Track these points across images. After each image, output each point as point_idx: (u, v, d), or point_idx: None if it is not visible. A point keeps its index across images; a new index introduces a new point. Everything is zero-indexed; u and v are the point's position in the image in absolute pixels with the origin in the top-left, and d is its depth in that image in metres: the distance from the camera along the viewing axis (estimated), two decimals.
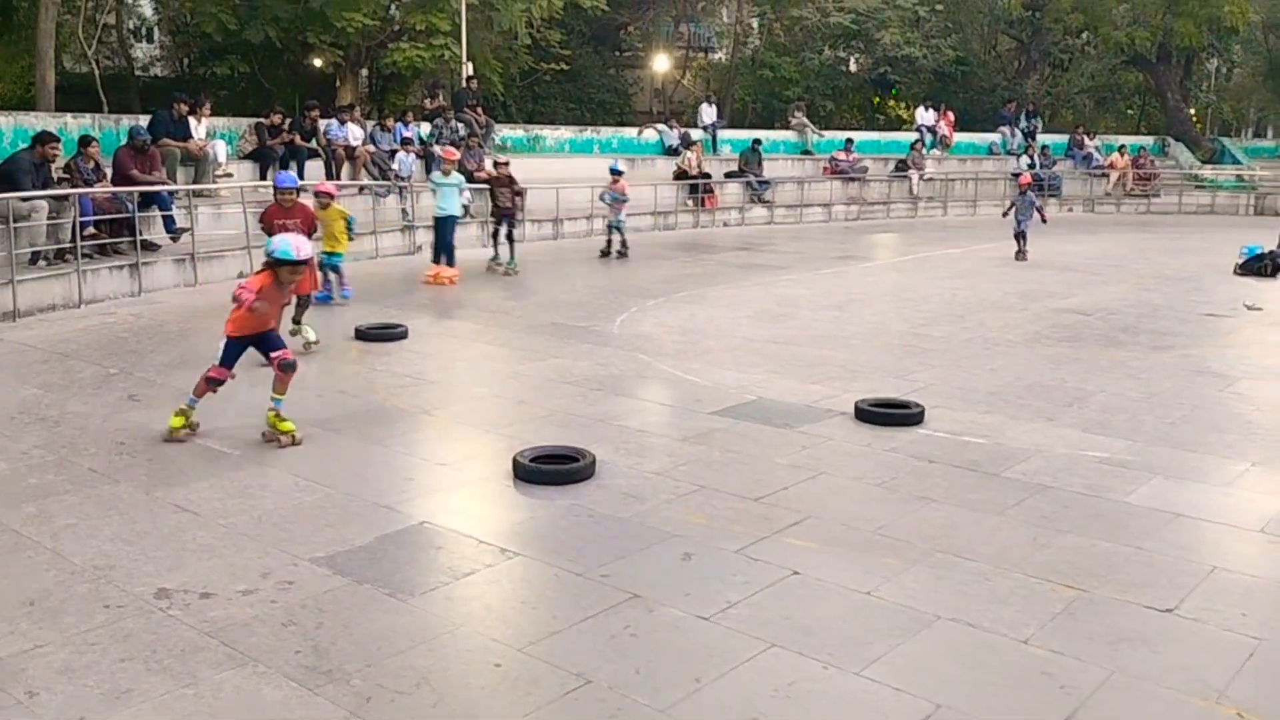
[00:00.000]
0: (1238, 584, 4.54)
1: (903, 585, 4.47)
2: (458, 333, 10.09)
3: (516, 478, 5.71)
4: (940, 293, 12.98)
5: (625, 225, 16.11)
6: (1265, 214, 24.45)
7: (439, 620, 4.10)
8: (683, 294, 12.58)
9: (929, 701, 3.53)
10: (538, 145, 21.65)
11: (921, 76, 31.74)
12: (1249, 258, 14.99)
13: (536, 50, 25.82)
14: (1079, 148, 28.03)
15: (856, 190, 24.13)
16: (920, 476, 5.93)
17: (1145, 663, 3.83)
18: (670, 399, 7.86)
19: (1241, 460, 6.28)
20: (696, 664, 3.76)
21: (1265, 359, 9.45)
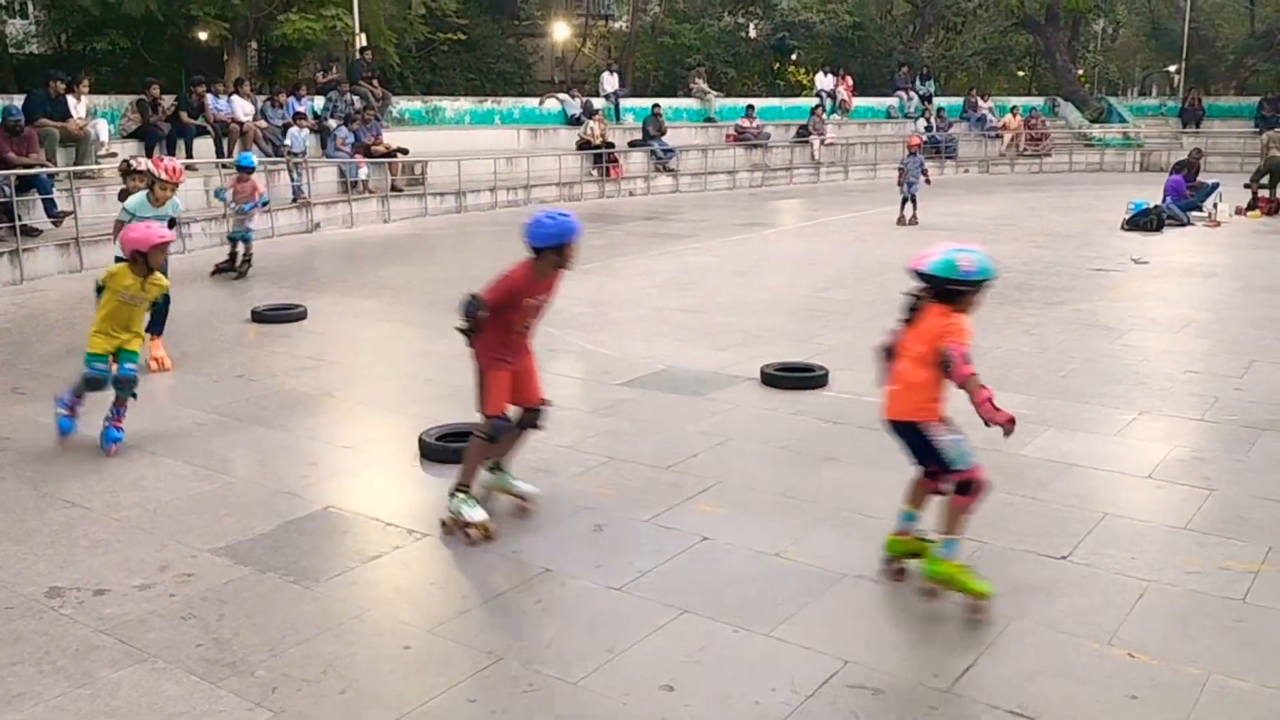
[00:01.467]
0: (1127, 529, 4.71)
1: (810, 545, 4.55)
2: (359, 312, 9.90)
3: (423, 457, 5.64)
4: (842, 257, 13.17)
5: (254, 236, 11.60)
6: (1150, 170, 25.30)
7: (346, 606, 4.03)
8: (589, 265, 12.49)
9: (837, 658, 3.60)
10: (437, 117, 21.29)
11: (820, 41, 32.02)
12: (1135, 213, 15.52)
13: (432, 20, 25.32)
14: (973, 110, 28.62)
15: (759, 157, 24.29)
16: (825, 438, 6.02)
17: (1041, 609, 3.96)
18: (579, 371, 7.83)
19: (1130, 409, 6.52)
20: (609, 635, 3.77)
21: (1152, 311, 9.80)
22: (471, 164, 18.65)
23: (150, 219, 6.99)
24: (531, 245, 4.78)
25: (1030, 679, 3.49)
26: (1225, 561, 4.35)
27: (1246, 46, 34.33)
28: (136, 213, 7.26)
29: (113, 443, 5.77)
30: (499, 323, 4.76)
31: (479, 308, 4.68)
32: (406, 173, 18.07)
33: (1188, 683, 3.46)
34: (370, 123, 17.95)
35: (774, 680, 3.48)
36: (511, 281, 4.75)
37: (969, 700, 3.37)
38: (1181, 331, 8.89)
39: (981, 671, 3.54)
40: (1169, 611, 3.96)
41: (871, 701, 3.37)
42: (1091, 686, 3.44)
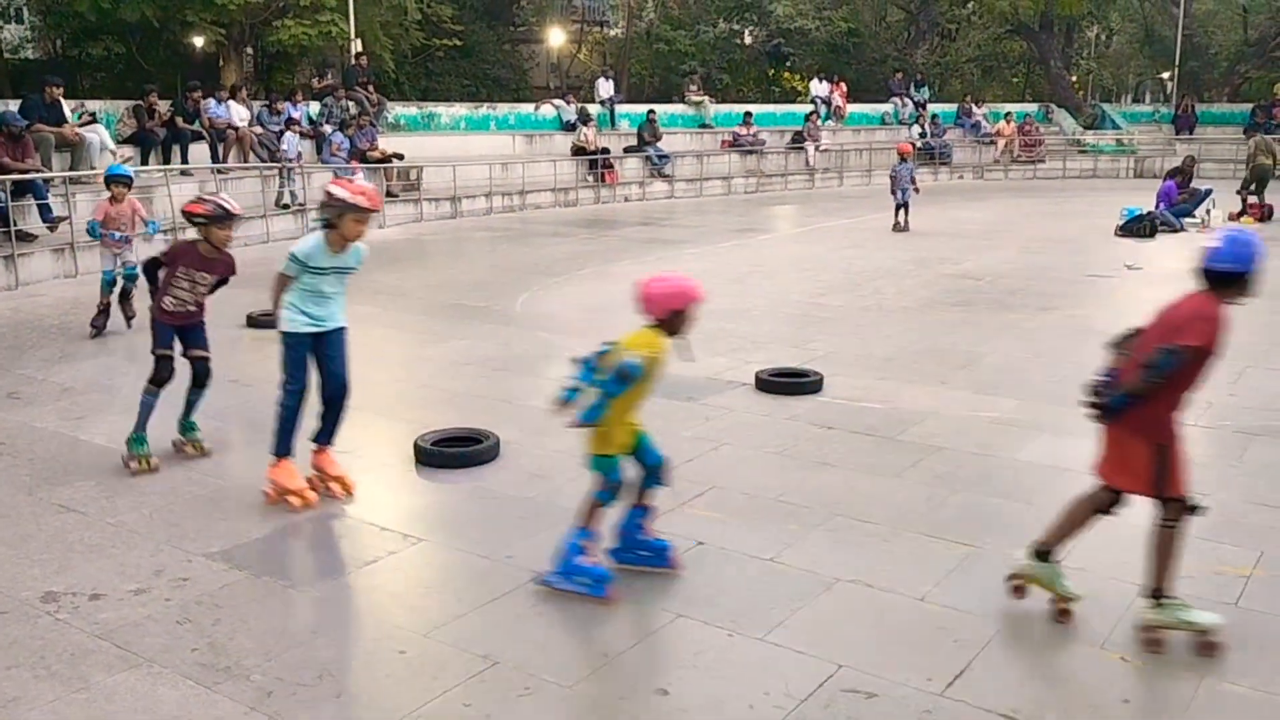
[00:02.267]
0: (1120, 533, 4.71)
1: (804, 550, 4.56)
2: (355, 316, 9.73)
3: (419, 462, 5.65)
4: (837, 262, 13.20)
5: (137, 271, 8.20)
6: (1144, 176, 25.36)
7: (341, 610, 4.04)
8: (585, 271, 12.55)
9: (830, 662, 3.61)
10: (432, 123, 21.29)
11: (815, 48, 32.11)
12: (1129, 219, 15.57)
13: (428, 26, 25.36)
14: (967, 116, 28.70)
15: (755, 163, 24.33)
16: (820, 443, 6.04)
17: (1036, 613, 3.97)
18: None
19: None
20: (603, 639, 3.78)
21: (1145, 317, 9.82)
22: (467, 170, 18.66)
23: (328, 271, 4.96)
24: (1220, 273, 3.80)
25: (1023, 683, 3.51)
26: (1218, 566, 4.37)
27: (1239, 54, 34.47)
28: (309, 261, 4.90)
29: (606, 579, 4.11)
30: (1182, 381, 3.74)
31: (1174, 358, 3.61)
32: (402, 178, 18.08)
33: (1181, 686, 3.47)
34: (365, 128, 17.95)
35: (768, 684, 3.49)
36: (1212, 324, 3.70)
37: (962, 704, 3.38)
38: None
39: (975, 676, 3.55)
40: None
41: (865, 705, 3.38)
42: (1085, 692, 3.46)
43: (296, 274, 4.93)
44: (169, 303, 5.65)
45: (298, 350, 5.00)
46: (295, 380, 5.00)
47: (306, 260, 4.89)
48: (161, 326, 5.69)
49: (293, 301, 4.96)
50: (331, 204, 4.87)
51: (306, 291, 4.94)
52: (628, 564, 4.25)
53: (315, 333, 5.03)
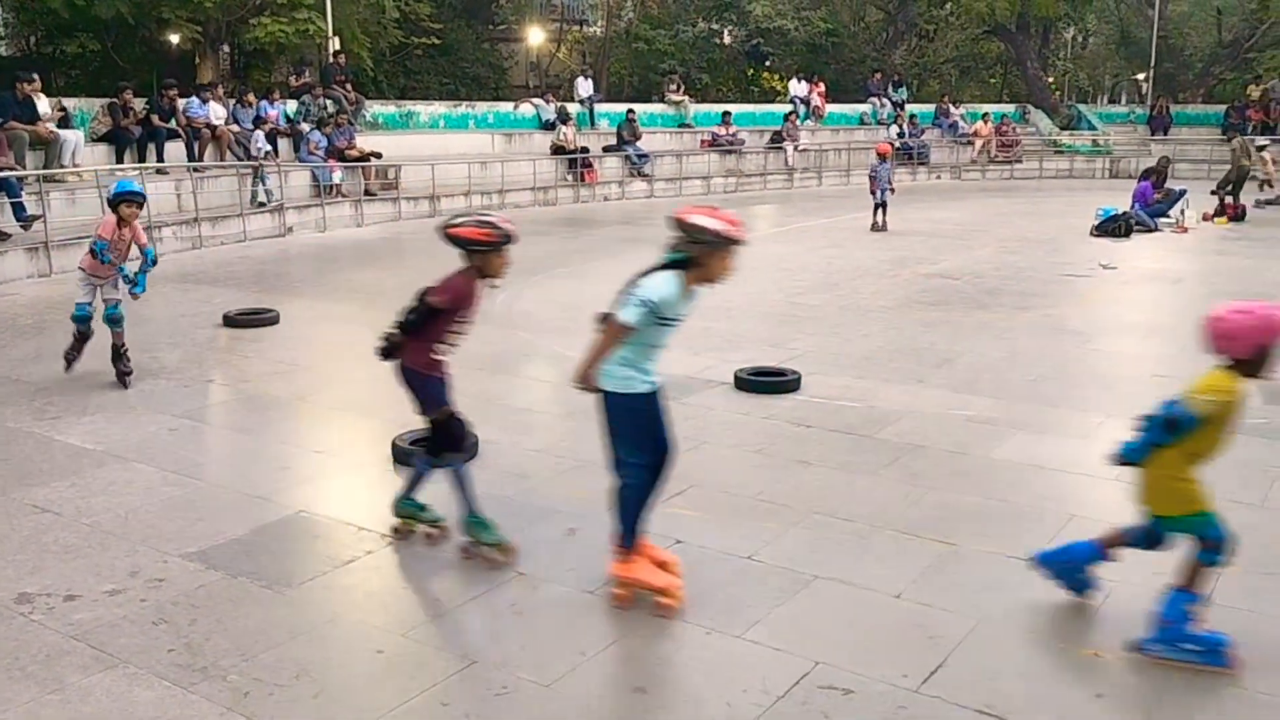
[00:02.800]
0: (1094, 530, 4.74)
1: (782, 548, 4.58)
2: (333, 316, 9.87)
3: (397, 462, 5.63)
4: (816, 262, 13.25)
5: (121, 312, 7.37)
6: (1120, 177, 25.57)
7: (318, 610, 4.03)
8: (564, 270, 12.55)
9: (807, 659, 3.63)
10: (411, 121, 21.23)
11: (794, 48, 32.18)
12: (1104, 219, 15.70)
13: (406, 24, 25.23)
14: (945, 116, 28.85)
15: (734, 163, 24.38)
16: (798, 442, 6.06)
17: (1010, 609, 4.01)
18: (553, 375, 7.84)
19: (1098, 413, 6.61)
20: (582, 638, 3.79)
21: (1120, 316, 9.94)
22: (445, 168, 18.62)
23: (673, 321, 4.08)
24: None
25: (998, 678, 3.54)
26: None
27: (1214, 55, 34.81)
28: (663, 310, 3.98)
29: None
30: None
31: None
32: (380, 177, 18.02)
33: (1152, 681, 3.52)
34: (343, 127, 17.89)
35: (745, 682, 3.51)
36: None
37: (938, 700, 3.41)
38: (1149, 336, 9.01)
39: (950, 671, 3.58)
40: (1135, 611, 4.00)
41: (842, 701, 3.40)
42: (1058, 686, 3.50)
43: (645, 324, 3.94)
44: (440, 350, 4.57)
45: (639, 416, 4.09)
46: (640, 452, 4.09)
47: (661, 308, 3.94)
48: (438, 382, 4.57)
49: (626, 357, 4.00)
50: (698, 238, 3.96)
51: (644, 345, 4.03)
52: (1170, 659, 3.64)
53: (651, 394, 4.13)
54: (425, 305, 4.46)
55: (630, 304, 3.89)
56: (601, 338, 3.98)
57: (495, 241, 4.38)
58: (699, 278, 4.00)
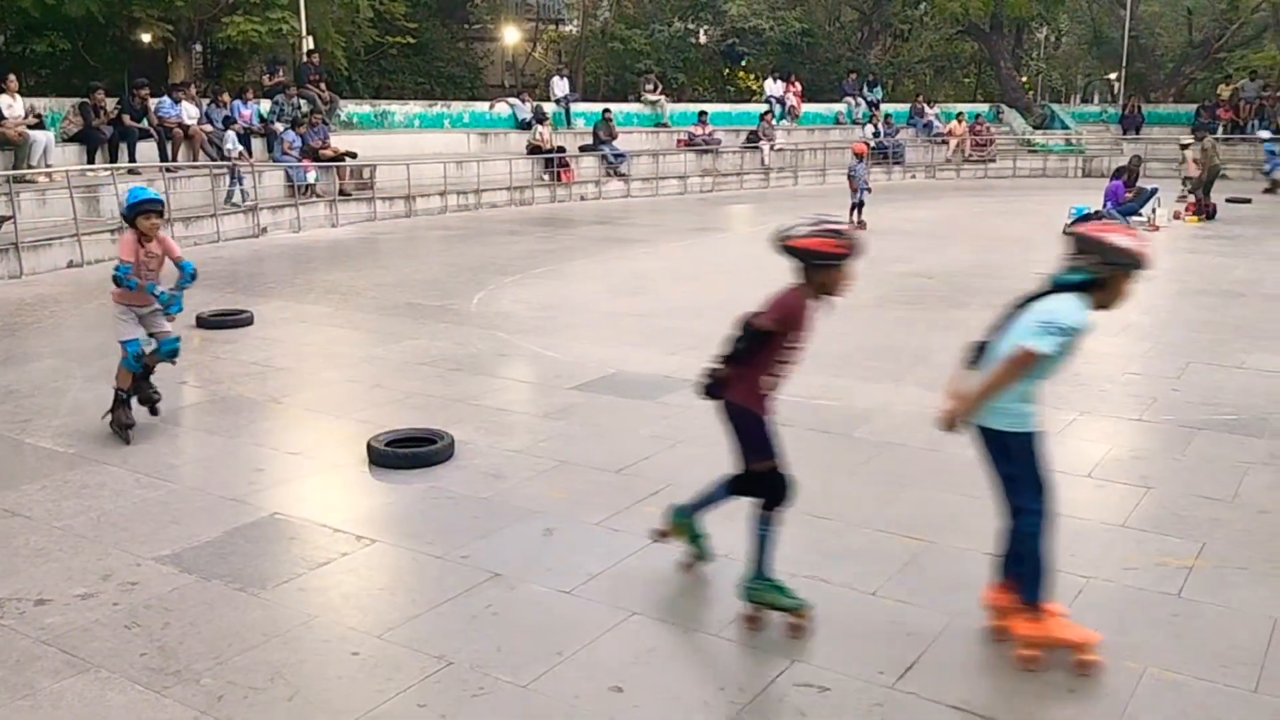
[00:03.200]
0: (1067, 526, 4.79)
1: None
2: (307, 317, 9.80)
3: (372, 463, 5.61)
4: None
5: (179, 345, 6.45)
6: (1092, 175, 25.77)
7: (293, 613, 4.00)
8: (541, 269, 12.53)
9: (784, 657, 3.65)
10: (385, 121, 21.13)
11: (769, 48, 32.26)
12: (1077, 218, 15.69)
13: (380, 23, 25.14)
14: (920, 116, 28.99)
15: (710, 162, 24.41)
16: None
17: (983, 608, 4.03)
18: (530, 376, 7.84)
19: (1071, 410, 6.65)
20: (558, 638, 3.78)
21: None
22: (421, 168, 18.54)
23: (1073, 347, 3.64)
24: None
25: (973, 675, 3.56)
26: (1161, 558, 4.46)
27: (1184, 55, 35.16)
28: (1076, 337, 3.60)
29: None
30: None
31: None
32: (355, 177, 17.93)
33: (1125, 676, 3.54)
34: (318, 126, 17.78)
35: (723, 680, 3.52)
36: None
37: (913, 697, 3.43)
38: (1121, 334, 9.07)
39: (925, 668, 3.60)
40: (1107, 607, 4.05)
41: (818, 699, 3.41)
42: (1032, 681, 3.52)
43: (1058, 355, 3.57)
44: (767, 384, 3.98)
45: (1038, 457, 3.67)
46: (1040, 496, 3.68)
47: (1077, 336, 3.57)
48: (764, 424, 3.99)
49: (1024, 392, 3.64)
50: (1113, 259, 3.57)
51: (1040, 379, 3.68)
52: None
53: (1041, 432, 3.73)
54: (753, 330, 3.88)
55: (1044, 332, 3.50)
56: (1004, 370, 3.57)
57: (844, 254, 3.82)
58: (1101, 302, 3.60)
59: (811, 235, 3.79)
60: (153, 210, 5.97)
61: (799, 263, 3.83)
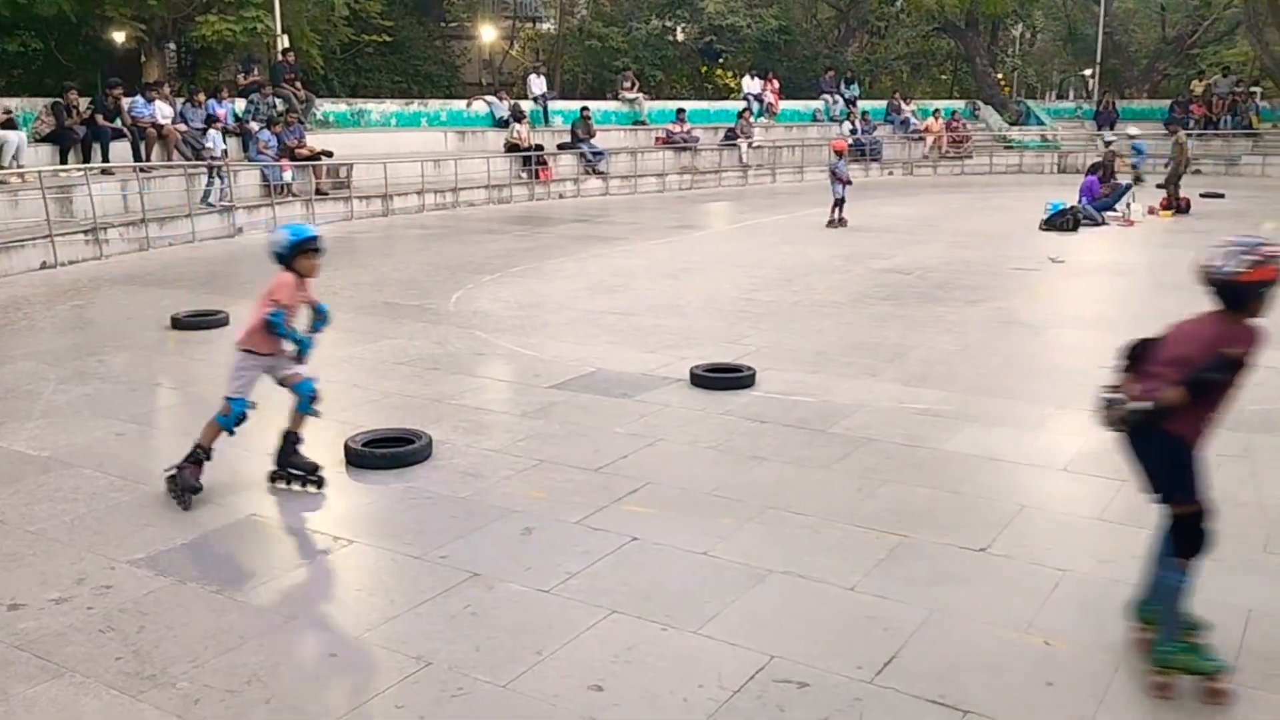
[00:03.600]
0: (1044, 520, 4.85)
1: (738, 543, 4.60)
2: None
3: (350, 464, 5.59)
4: (770, 258, 13.31)
5: (315, 388, 5.76)
6: (1068, 172, 25.92)
7: (270, 614, 3.98)
8: (519, 268, 12.50)
9: (763, 653, 3.65)
10: (362, 119, 21.02)
11: (746, 45, 32.28)
12: (1053, 213, 15.91)
13: (356, 21, 25.00)
14: (897, 113, 29.09)
15: (689, 160, 24.42)
16: (753, 437, 6.08)
17: (962, 600, 4.06)
18: (508, 375, 7.82)
19: (1047, 404, 6.70)
20: (537, 637, 3.78)
21: (1068, 308, 10.08)
22: (398, 167, 18.48)
23: None
24: None
25: (951, 669, 3.57)
26: (1137, 550, 4.47)
27: (1158, 51, 35.45)
28: None
29: None
30: None
31: None
32: (331, 176, 17.84)
33: (1101, 667, 3.57)
34: (293, 125, 17.68)
35: (701, 677, 3.51)
36: None
37: (892, 691, 3.44)
38: (1096, 327, 9.14)
39: (904, 663, 3.61)
40: (1083, 599, 4.08)
41: (797, 695, 3.42)
42: (1009, 674, 3.54)
43: None
44: (1212, 419, 3.55)
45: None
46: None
47: None
48: (1197, 462, 3.54)
49: None
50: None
51: None
52: None
53: None
54: (1225, 359, 3.46)
55: None
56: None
57: None
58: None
59: (1258, 264, 3.45)
60: (315, 249, 5.33)
61: (1237, 291, 3.50)
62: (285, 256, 5.29)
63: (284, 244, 5.28)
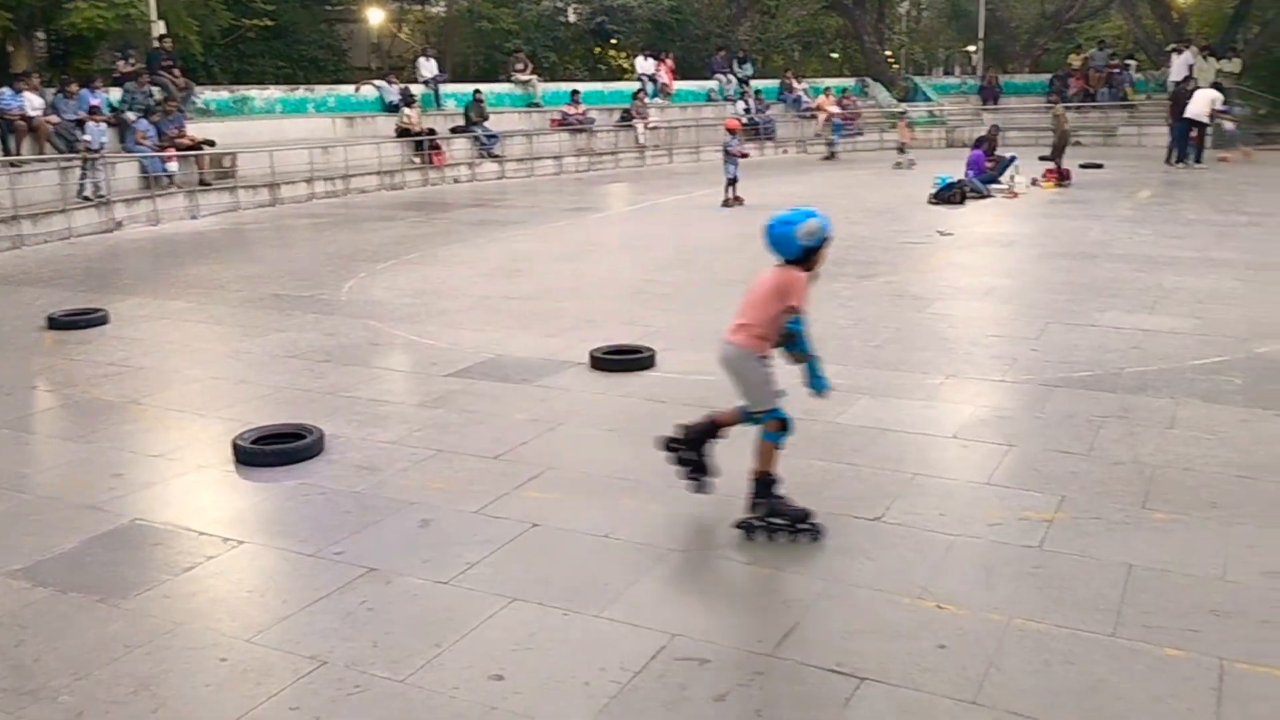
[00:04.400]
0: (935, 487, 4.97)
1: (639, 524, 4.60)
2: (167, 313, 9.40)
3: (239, 462, 5.42)
4: (669, 239, 13.34)
5: None
6: (955, 146, 26.58)
7: (157, 621, 3.84)
8: (414, 255, 12.30)
9: (664, 633, 3.66)
10: (245, 107, 20.38)
11: (639, 25, 32.23)
12: (941, 187, 16.30)
13: (236, 5, 24.23)
14: (789, 91, 29.42)
15: (585, 141, 24.32)
16: (653, 418, 6.07)
17: (858, 569, 4.13)
18: (405, 364, 7.69)
19: (937, 374, 6.86)
20: (437, 630, 3.72)
21: (957, 280, 10.33)
22: (285, 155, 18.01)
23: None
24: None
25: (848, 637, 3.64)
26: (1023, 512, 4.64)
27: (1038, 27, 36.49)
28: None
29: None
30: None
31: None
32: (215, 166, 17.28)
33: (991, 628, 3.67)
34: (173, 114, 17.06)
35: (603, 660, 3.51)
36: None
37: (791, 663, 3.48)
38: (984, 298, 9.40)
39: (803, 633, 3.66)
40: (974, 563, 4.19)
41: (699, 672, 3.44)
42: (904, 640, 3.61)
43: None
44: None
45: None
46: None
47: None
48: None
49: None
50: None
51: None
52: None
53: None
54: None
55: None
56: None
57: None
58: None
59: None
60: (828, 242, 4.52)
61: None
62: (814, 250, 4.46)
63: (820, 235, 4.43)
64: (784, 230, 4.41)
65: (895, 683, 3.35)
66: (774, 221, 4.45)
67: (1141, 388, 6.39)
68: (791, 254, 4.41)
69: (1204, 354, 7.04)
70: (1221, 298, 8.97)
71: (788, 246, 4.41)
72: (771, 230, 4.43)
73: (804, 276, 4.42)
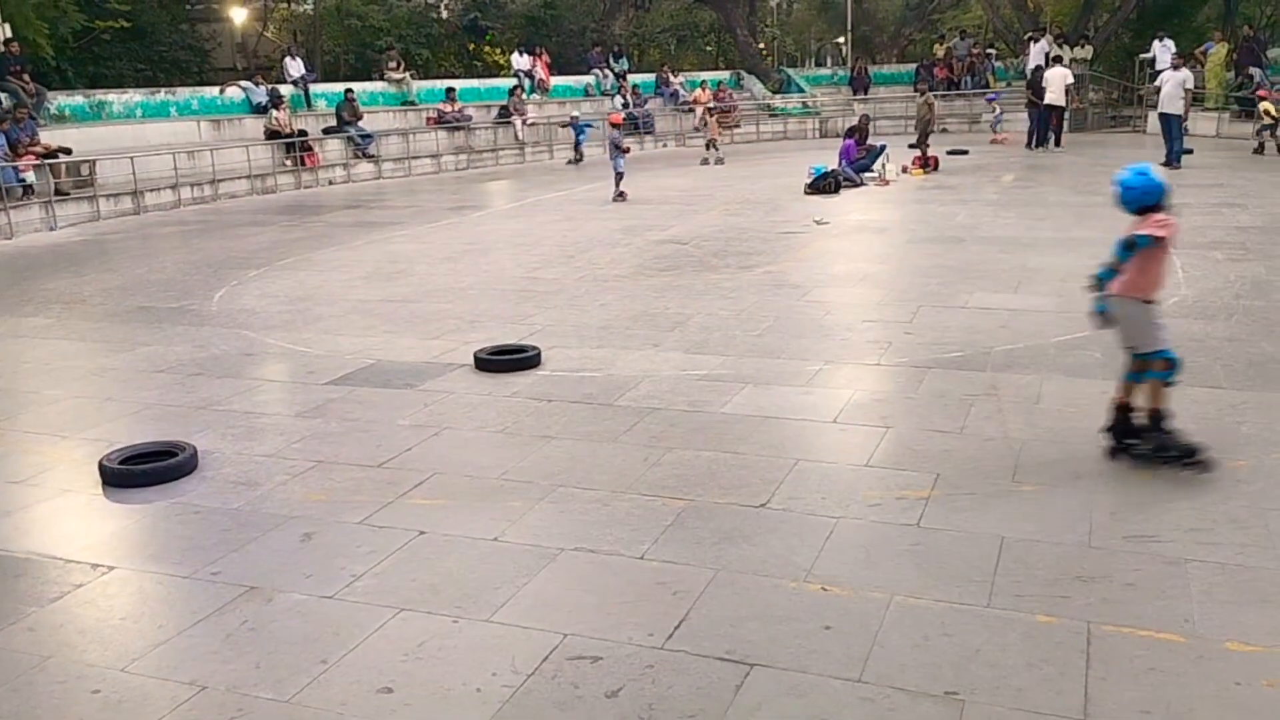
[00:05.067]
0: (817, 471, 5.07)
1: (528, 525, 4.58)
2: (24, 331, 8.94)
3: (106, 484, 5.20)
4: (551, 235, 13.29)
5: None
6: (828, 136, 27.15)
7: (22, 656, 3.65)
8: (288, 260, 11.97)
9: (556, 633, 3.65)
10: (103, 112, 19.53)
11: (513, 21, 32.04)
12: (816, 177, 16.62)
13: (89, 6, 23.18)
14: (666, 85, 29.61)
15: (463, 139, 24.04)
16: (540, 417, 6.07)
17: (745, 556, 4.19)
18: (280, 374, 7.48)
19: (816, 360, 7.00)
20: (322, 645, 3.64)
21: (833, 267, 10.56)
22: (147, 160, 17.33)
23: None
24: None
25: (736, 624, 3.69)
26: (901, 491, 4.77)
27: (903, 18, 37.55)
28: None
29: None
30: None
31: None
32: (72, 174, 16.50)
33: (873, 607, 3.77)
34: (24, 122, 16.24)
35: (495, 665, 3.48)
36: None
37: (682, 654, 3.51)
38: (859, 284, 9.63)
39: (693, 624, 3.70)
40: (855, 543, 4.30)
41: (591, 670, 3.44)
42: (790, 623, 3.68)
43: None
44: None
45: None
46: None
47: None
48: None
49: None
50: None
51: None
52: None
53: None
54: None
55: None
56: None
57: None
58: None
59: None
60: None
61: None
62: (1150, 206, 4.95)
63: (1146, 191, 4.97)
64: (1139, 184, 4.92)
65: (784, 666, 3.42)
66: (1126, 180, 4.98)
67: (1009, 365, 6.64)
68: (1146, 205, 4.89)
69: (1066, 330, 7.35)
70: (1081, 276, 9.30)
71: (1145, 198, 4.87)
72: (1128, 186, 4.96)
73: (1159, 216, 4.81)
